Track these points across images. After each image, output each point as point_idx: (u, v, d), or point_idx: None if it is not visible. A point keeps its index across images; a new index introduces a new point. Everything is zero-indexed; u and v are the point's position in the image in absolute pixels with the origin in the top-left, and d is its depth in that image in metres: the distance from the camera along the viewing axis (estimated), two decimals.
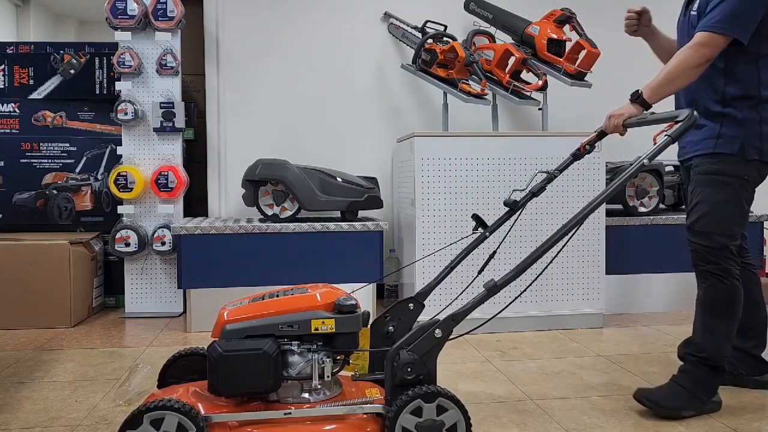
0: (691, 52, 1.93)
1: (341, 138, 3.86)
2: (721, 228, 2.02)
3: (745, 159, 2.00)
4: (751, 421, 1.97)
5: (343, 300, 1.66)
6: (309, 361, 1.64)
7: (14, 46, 3.75)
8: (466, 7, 3.85)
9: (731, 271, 2.02)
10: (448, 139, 3.12)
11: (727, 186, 2.02)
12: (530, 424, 1.97)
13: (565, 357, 2.69)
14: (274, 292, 1.76)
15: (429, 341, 1.65)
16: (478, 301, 1.71)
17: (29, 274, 3.19)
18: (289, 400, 1.65)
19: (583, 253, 3.15)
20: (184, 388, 1.69)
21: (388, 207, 3.77)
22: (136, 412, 1.50)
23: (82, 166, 3.72)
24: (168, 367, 1.83)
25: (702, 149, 2.06)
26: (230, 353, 1.58)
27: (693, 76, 1.96)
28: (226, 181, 3.80)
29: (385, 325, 1.94)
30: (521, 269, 1.71)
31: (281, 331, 1.63)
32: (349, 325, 1.66)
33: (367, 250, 3.20)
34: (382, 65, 3.92)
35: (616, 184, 1.75)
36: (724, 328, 2.03)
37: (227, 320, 1.65)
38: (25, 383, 2.35)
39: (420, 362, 1.62)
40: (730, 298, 2.02)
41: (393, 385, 1.62)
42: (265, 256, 3.14)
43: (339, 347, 1.67)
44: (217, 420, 1.56)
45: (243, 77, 3.81)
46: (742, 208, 2.06)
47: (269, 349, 1.58)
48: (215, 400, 1.62)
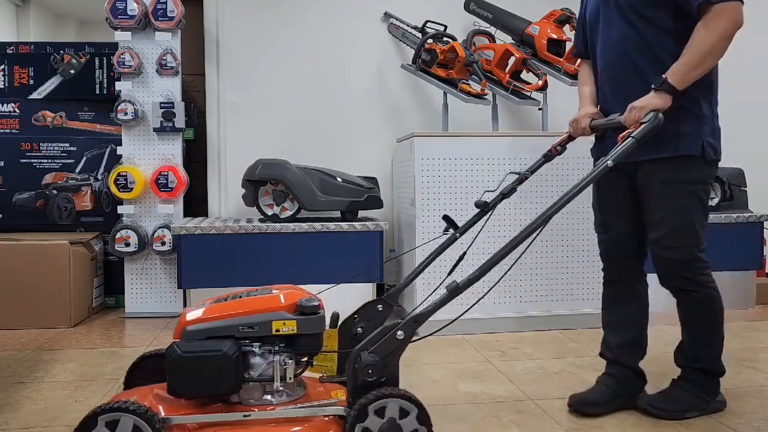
0: (720, 21, 1.74)
1: (341, 138, 3.86)
2: (692, 239, 1.91)
3: (705, 160, 1.88)
4: (751, 421, 1.97)
5: (306, 301, 1.63)
6: (271, 362, 1.61)
7: (14, 46, 3.75)
8: (466, 7, 3.85)
9: (704, 282, 1.94)
10: (448, 139, 3.12)
11: (693, 195, 1.90)
12: (530, 424, 1.97)
13: (565, 357, 2.69)
14: (238, 293, 1.74)
15: (391, 343, 1.62)
16: (440, 303, 1.69)
17: (29, 274, 3.19)
18: (250, 401, 1.62)
19: (583, 253, 3.15)
20: (147, 390, 1.66)
21: (388, 207, 3.76)
22: (91, 414, 1.47)
23: (82, 166, 3.72)
24: (134, 368, 1.80)
25: (659, 152, 1.88)
26: (189, 354, 1.55)
27: (723, 50, 1.78)
28: (226, 181, 3.80)
29: (353, 326, 1.91)
30: (484, 270, 1.68)
31: (242, 333, 1.60)
32: (312, 327, 1.63)
33: (367, 250, 3.20)
34: (382, 65, 3.92)
35: (579, 186, 1.71)
36: (713, 338, 1.98)
37: (188, 321, 1.62)
38: (25, 383, 2.35)
39: (382, 364, 1.60)
40: (711, 309, 1.96)
41: (354, 387, 1.60)
42: (265, 256, 3.14)
43: (301, 349, 1.64)
44: (176, 422, 1.54)
45: (243, 77, 3.81)
46: (707, 212, 1.96)
47: (229, 350, 1.55)
48: (176, 402, 1.59)
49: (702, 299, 1.94)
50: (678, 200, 1.89)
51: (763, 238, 3.65)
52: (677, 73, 1.77)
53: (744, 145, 4.00)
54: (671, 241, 1.90)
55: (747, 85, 4.18)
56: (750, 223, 3.56)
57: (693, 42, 1.77)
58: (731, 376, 2.39)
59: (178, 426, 1.54)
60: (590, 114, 2.04)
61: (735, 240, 3.53)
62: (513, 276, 3.10)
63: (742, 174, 3.78)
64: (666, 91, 1.78)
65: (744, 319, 3.38)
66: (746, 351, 2.78)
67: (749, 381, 2.37)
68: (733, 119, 3.92)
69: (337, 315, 1.88)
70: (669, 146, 1.87)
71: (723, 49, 1.78)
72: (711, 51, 1.76)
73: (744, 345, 2.88)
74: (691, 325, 1.99)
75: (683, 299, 1.97)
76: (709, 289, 1.94)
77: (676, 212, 1.90)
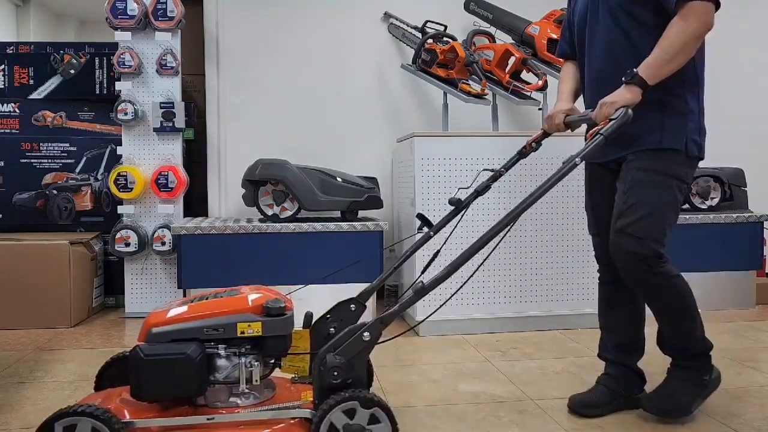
0: (691, 22, 1.72)
1: (341, 138, 3.86)
2: (658, 234, 1.84)
3: (687, 156, 1.86)
4: (751, 421, 1.97)
5: (273, 302, 1.61)
6: (236, 365, 1.59)
7: (14, 46, 3.75)
8: (466, 7, 3.85)
9: (666, 272, 1.86)
10: (448, 139, 3.12)
11: (669, 189, 1.86)
12: (530, 424, 1.97)
13: (565, 357, 2.69)
14: (206, 295, 1.72)
15: (357, 344, 1.60)
16: (406, 304, 1.67)
17: (29, 274, 3.19)
18: (217, 404, 1.61)
19: (584, 253, 3.15)
20: (114, 392, 1.65)
21: (388, 207, 3.76)
22: (47, 421, 1.46)
23: (82, 166, 3.72)
24: (104, 370, 1.79)
25: (644, 145, 1.87)
26: (152, 357, 1.53)
27: (694, 48, 1.76)
28: (226, 181, 3.80)
29: (326, 326, 1.89)
30: (452, 270, 1.64)
31: (207, 335, 1.58)
32: (278, 328, 1.61)
33: (367, 250, 3.19)
34: (382, 65, 3.92)
35: (547, 185, 1.69)
36: (692, 324, 1.93)
37: (153, 323, 1.61)
38: (25, 383, 2.35)
39: (347, 366, 1.58)
40: (681, 298, 1.90)
41: (320, 389, 1.59)
42: (265, 256, 3.14)
43: (268, 350, 1.63)
44: (140, 425, 1.53)
45: (243, 77, 3.81)
46: (678, 212, 1.91)
47: (193, 353, 1.53)
48: (141, 405, 1.58)
49: (668, 291, 1.88)
50: (652, 189, 1.85)
51: (763, 238, 3.65)
52: (649, 67, 1.76)
53: (744, 145, 4.02)
54: (636, 231, 1.83)
55: (747, 85, 4.19)
56: (750, 223, 3.56)
57: (666, 37, 1.75)
58: (731, 376, 2.40)
59: (143, 429, 1.53)
60: (564, 110, 2.04)
61: (735, 240, 3.53)
62: (513, 276, 3.12)
63: (742, 174, 3.78)
64: (637, 85, 1.76)
65: (744, 319, 3.38)
66: (746, 351, 2.78)
67: (749, 381, 2.37)
68: (733, 119, 3.96)
69: (310, 315, 1.86)
70: (653, 139, 1.86)
71: (694, 48, 1.77)
72: (684, 47, 1.75)
73: (744, 345, 2.88)
74: (665, 318, 1.94)
75: (649, 293, 1.92)
76: (673, 278, 1.87)
77: (649, 201, 1.84)
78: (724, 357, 2.64)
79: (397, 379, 2.42)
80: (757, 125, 4.25)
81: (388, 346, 2.86)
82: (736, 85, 4.11)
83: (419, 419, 2.01)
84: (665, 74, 1.77)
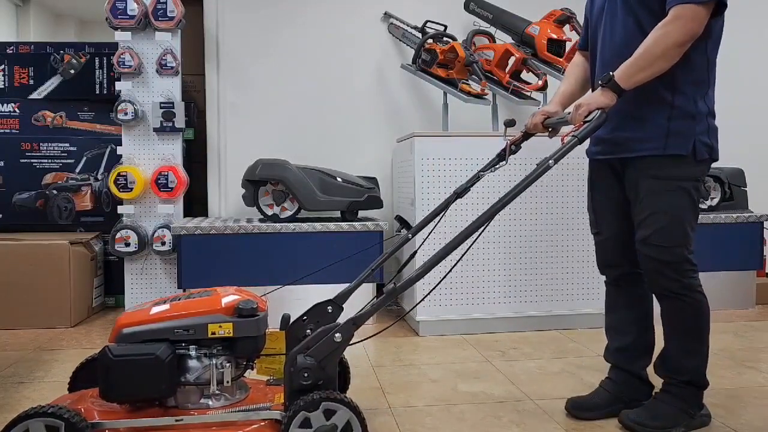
0: (674, 28, 1.67)
1: (341, 138, 3.86)
2: (681, 239, 1.81)
3: (696, 159, 1.80)
4: (751, 420, 1.97)
5: (244, 303, 1.61)
6: (207, 366, 1.59)
7: (14, 46, 3.75)
8: (466, 7, 3.85)
9: (693, 285, 1.84)
10: (448, 139, 3.12)
11: (683, 191, 1.81)
12: (530, 424, 1.97)
13: (565, 357, 2.69)
14: (178, 296, 1.71)
15: (328, 345, 1.59)
16: (378, 305, 1.67)
17: (29, 274, 3.19)
18: (187, 405, 1.60)
19: (583, 253, 3.15)
20: (87, 393, 1.64)
21: (388, 207, 3.76)
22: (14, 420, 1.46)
23: (82, 166, 3.73)
24: (79, 371, 1.78)
25: (647, 150, 1.82)
26: (121, 358, 1.52)
27: (676, 56, 1.70)
28: (226, 181, 3.80)
29: (302, 328, 1.88)
30: (423, 271, 1.64)
31: (177, 335, 1.57)
32: (249, 329, 1.60)
33: (367, 250, 3.19)
34: (382, 65, 3.92)
35: (522, 186, 1.69)
36: (700, 348, 1.88)
37: (123, 324, 1.60)
38: (25, 383, 2.35)
39: (318, 367, 1.57)
40: (699, 316, 1.86)
41: (291, 391, 1.58)
42: (265, 256, 3.14)
43: (239, 352, 1.62)
44: (109, 426, 1.52)
45: (243, 77, 3.81)
46: (697, 212, 1.87)
47: (162, 353, 1.52)
48: (112, 407, 1.57)
49: (690, 304, 1.85)
50: (666, 197, 1.81)
51: (763, 238, 3.65)
52: (624, 72, 1.71)
53: (744, 145, 4.01)
54: (658, 240, 1.81)
55: (747, 85, 4.18)
56: (750, 223, 3.56)
57: (646, 42, 1.71)
58: (731, 376, 2.40)
59: (111, 430, 1.53)
60: (546, 112, 2.02)
61: (735, 240, 3.53)
62: (513, 276, 3.12)
63: (742, 174, 3.78)
64: (611, 89, 1.72)
65: (744, 319, 3.38)
66: (746, 351, 2.78)
67: (749, 381, 2.37)
68: (733, 119, 3.95)
69: (288, 316, 1.85)
70: (657, 144, 1.80)
71: (675, 56, 1.71)
72: (663, 54, 1.69)
73: (744, 345, 2.88)
74: (676, 332, 1.89)
75: (670, 304, 1.87)
76: (698, 294, 1.85)
77: (665, 209, 1.81)
78: (724, 357, 2.64)
79: (397, 379, 2.42)
80: (757, 125, 4.25)
81: (388, 346, 2.88)
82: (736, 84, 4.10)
83: (419, 419, 2.01)
84: (641, 80, 1.72)
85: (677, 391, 1.90)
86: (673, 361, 1.91)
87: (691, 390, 1.90)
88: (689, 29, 1.68)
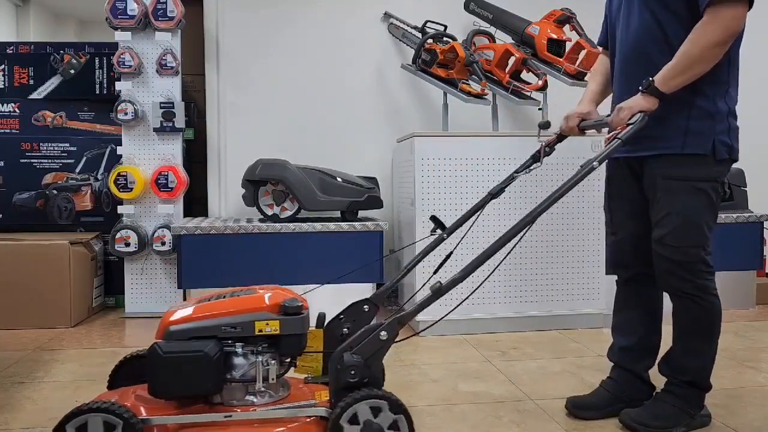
0: (713, 28, 1.65)
1: (341, 138, 3.86)
2: (697, 240, 1.81)
3: (715, 159, 1.79)
4: (751, 420, 1.97)
5: (290, 302, 1.62)
6: (253, 363, 1.60)
7: (14, 46, 3.75)
8: (466, 7, 3.85)
9: (708, 287, 1.83)
10: (448, 139, 3.12)
11: (701, 192, 1.80)
12: (530, 424, 1.97)
13: (565, 357, 2.69)
14: (222, 293, 1.72)
15: (374, 344, 1.60)
16: (424, 304, 1.67)
17: (29, 274, 3.19)
18: (233, 402, 1.62)
19: (583, 253, 3.15)
20: (129, 390, 1.65)
21: (388, 207, 3.76)
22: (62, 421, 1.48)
23: (82, 166, 3.72)
24: (118, 369, 1.79)
25: (665, 148, 1.82)
26: (170, 355, 1.54)
27: (716, 56, 1.69)
28: (226, 181, 3.80)
29: (339, 326, 1.89)
30: (469, 271, 1.65)
31: (225, 333, 1.59)
32: (295, 327, 1.62)
33: (367, 250, 3.19)
34: (382, 65, 3.92)
35: (565, 187, 1.70)
36: (707, 350, 1.88)
37: (171, 321, 1.61)
38: (25, 383, 2.35)
39: (364, 365, 1.59)
40: (710, 318, 1.85)
41: (337, 388, 1.59)
42: (265, 256, 3.14)
43: (284, 349, 1.64)
44: (157, 422, 1.53)
45: (243, 77, 3.81)
46: (716, 213, 1.86)
47: (210, 350, 1.54)
48: (157, 402, 1.58)
49: (702, 306, 1.84)
50: (684, 197, 1.80)
51: (763, 238, 3.65)
52: (664, 77, 1.72)
53: (744, 145, 4.00)
54: (674, 240, 1.81)
55: (747, 85, 4.17)
56: (750, 223, 3.56)
57: (684, 44, 1.71)
58: (731, 376, 2.40)
59: (159, 426, 1.54)
60: (581, 113, 2.00)
61: (735, 240, 3.53)
62: (513, 276, 3.12)
63: (742, 174, 3.78)
64: (652, 95, 1.73)
65: (744, 319, 3.38)
66: (746, 351, 2.78)
67: (749, 381, 2.37)
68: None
69: (323, 315, 1.86)
70: (676, 143, 1.80)
71: (715, 56, 1.70)
72: (701, 55, 1.69)
73: (744, 345, 2.88)
74: (685, 332, 1.89)
75: (682, 304, 1.87)
76: (712, 297, 1.84)
77: (681, 210, 1.80)
78: (724, 357, 2.64)
79: (397, 379, 2.42)
80: (757, 125, 4.24)
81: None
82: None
83: (420, 419, 2.00)
84: (681, 84, 1.72)
85: (679, 392, 1.90)
86: (678, 360, 1.91)
87: (694, 391, 1.90)
88: (729, 28, 1.67)
